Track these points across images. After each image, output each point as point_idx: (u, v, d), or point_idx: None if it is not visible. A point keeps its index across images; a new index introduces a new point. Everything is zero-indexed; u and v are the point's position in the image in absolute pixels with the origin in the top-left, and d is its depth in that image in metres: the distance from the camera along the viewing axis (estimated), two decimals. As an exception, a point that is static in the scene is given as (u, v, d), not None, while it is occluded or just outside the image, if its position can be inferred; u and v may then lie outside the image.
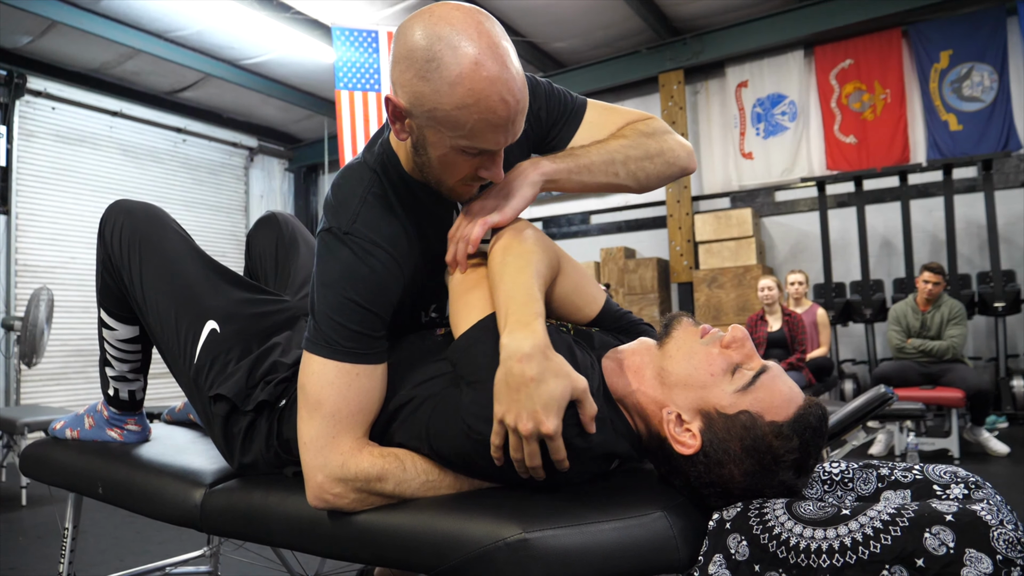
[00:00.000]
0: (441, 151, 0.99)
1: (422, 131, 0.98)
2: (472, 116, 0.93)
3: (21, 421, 4.00)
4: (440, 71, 0.91)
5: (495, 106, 0.93)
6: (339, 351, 1.01)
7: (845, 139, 6.75)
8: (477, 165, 1.02)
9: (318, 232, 1.08)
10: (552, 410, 0.87)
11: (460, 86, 0.91)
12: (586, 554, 0.84)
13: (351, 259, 1.02)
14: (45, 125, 7.10)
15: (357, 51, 6.17)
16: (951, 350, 4.72)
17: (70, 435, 1.59)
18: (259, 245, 1.64)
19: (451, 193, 1.09)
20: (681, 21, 6.97)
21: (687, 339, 1.01)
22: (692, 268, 7.02)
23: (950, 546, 0.73)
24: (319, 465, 0.99)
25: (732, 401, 0.94)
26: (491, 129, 0.95)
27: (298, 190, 10.07)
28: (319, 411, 1.00)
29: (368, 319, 1.02)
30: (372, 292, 1.02)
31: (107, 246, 1.37)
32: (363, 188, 1.07)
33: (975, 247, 6.15)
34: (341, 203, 1.07)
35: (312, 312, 1.04)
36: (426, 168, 1.04)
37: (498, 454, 0.92)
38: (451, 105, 0.92)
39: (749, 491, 0.92)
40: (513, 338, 0.91)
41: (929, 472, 0.95)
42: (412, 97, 0.95)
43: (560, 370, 0.89)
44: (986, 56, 6.18)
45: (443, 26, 0.92)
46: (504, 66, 0.93)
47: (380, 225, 1.05)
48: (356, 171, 1.10)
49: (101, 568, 2.72)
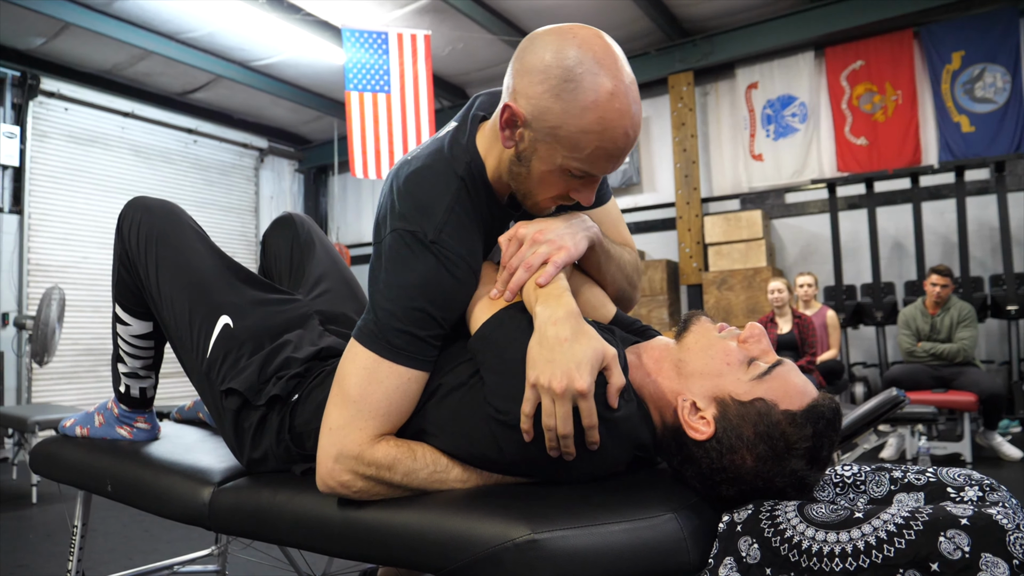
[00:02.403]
0: (547, 167, 1.00)
1: (535, 144, 0.99)
2: (594, 142, 0.96)
3: (32, 419, 4.03)
4: (576, 93, 0.94)
5: (617, 137, 0.96)
6: (399, 354, 1.00)
7: (856, 141, 6.71)
8: (573, 187, 1.04)
9: (391, 230, 1.04)
10: (586, 368, 0.90)
11: (592, 112, 0.94)
12: (595, 555, 0.84)
13: (436, 269, 1.01)
14: (58, 126, 7.14)
15: (367, 53, 6.18)
16: (962, 352, 4.68)
17: (80, 433, 1.60)
18: (275, 245, 1.66)
19: (533, 207, 1.09)
20: (691, 22, 6.95)
21: (705, 334, 1.04)
22: (701, 270, 7.00)
23: (965, 550, 0.72)
24: (336, 451, 1.00)
25: (747, 389, 0.95)
26: (606, 157, 0.98)
27: (308, 191, 10.10)
28: (356, 404, 1.00)
29: (435, 328, 1.02)
30: (448, 304, 1.03)
31: (125, 241, 1.39)
32: (451, 198, 1.05)
33: (987, 250, 6.10)
34: (424, 208, 1.04)
35: (373, 307, 1.03)
36: (521, 179, 1.05)
37: (527, 425, 0.92)
38: (577, 128, 0.95)
39: (760, 478, 0.92)
40: (547, 307, 0.96)
41: (942, 475, 0.94)
42: (537, 110, 0.96)
43: (592, 334, 0.94)
44: (998, 57, 6.13)
45: (586, 51, 0.94)
46: (634, 102, 0.97)
47: (465, 239, 1.05)
48: (442, 175, 1.07)
49: (110, 566, 2.73)
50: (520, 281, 1.04)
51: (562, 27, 0.98)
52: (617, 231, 1.29)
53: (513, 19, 6.68)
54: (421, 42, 6.27)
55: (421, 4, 6.24)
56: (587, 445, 0.92)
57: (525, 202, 1.09)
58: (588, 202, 1.06)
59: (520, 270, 1.04)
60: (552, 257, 1.04)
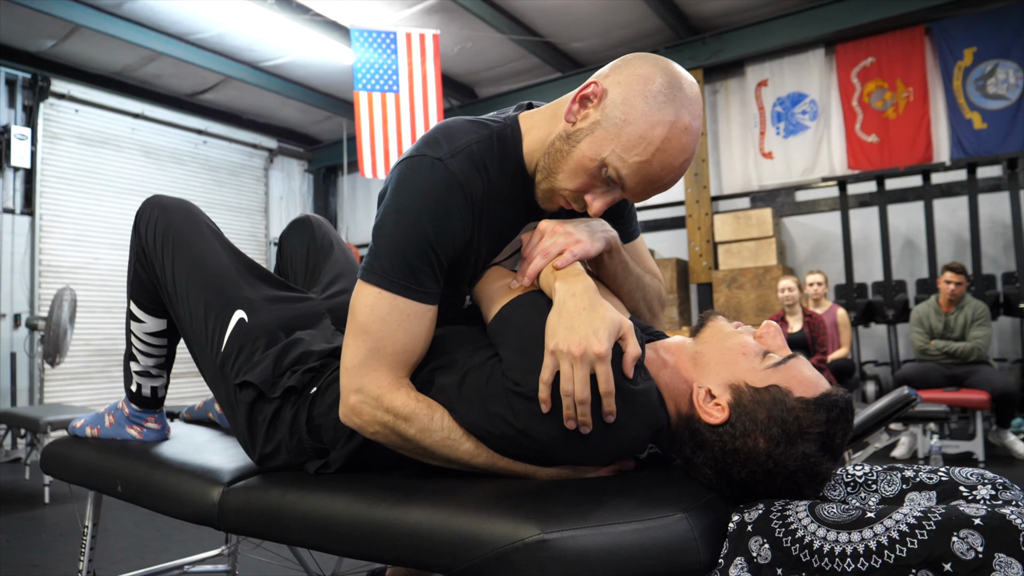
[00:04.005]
0: (591, 154, 1.01)
1: (596, 127, 1.01)
2: (647, 153, 0.98)
3: (44, 420, 4.05)
4: (663, 106, 0.98)
5: (664, 163, 0.99)
6: (396, 284, 1.03)
7: (867, 138, 6.67)
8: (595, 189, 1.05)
9: (399, 160, 1.07)
10: (603, 333, 0.93)
11: (663, 129, 0.98)
12: (605, 555, 0.83)
13: (435, 183, 1.03)
14: (69, 127, 7.19)
15: (376, 52, 6.19)
16: (975, 351, 4.65)
17: (90, 433, 1.61)
18: (291, 246, 1.67)
19: (546, 194, 1.10)
20: (700, 20, 6.93)
21: (721, 328, 1.06)
22: (711, 268, 6.97)
23: (979, 550, 0.71)
24: (356, 388, 1.04)
25: (762, 376, 0.97)
26: (644, 176, 1.01)
27: (317, 191, 10.13)
28: (366, 341, 1.04)
29: (430, 254, 1.03)
30: (443, 224, 1.03)
31: (141, 238, 1.41)
32: (475, 137, 1.08)
33: (1000, 247, 6.05)
34: (444, 138, 1.06)
35: (374, 241, 1.06)
36: (558, 157, 1.05)
37: (545, 394, 0.94)
38: (642, 133, 0.98)
39: (772, 459, 0.92)
40: (566, 282, 1.01)
41: (954, 474, 0.94)
42: (620, 98, 0.99)
43: (609, 306, 0.98)
44: (1011, 53, 6.08)
45: (687, 89, 1.00)
46: (693, 151, 1.01)
47: (473, 174, 1.06)
48: (472, 124, 1.10)
49: (121, 566, 2.75)
50: (538, 267, 1.07)
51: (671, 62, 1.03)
52: (642, 262, 1.31)
53: (522, 18, 6.67)
54: (430, 42, 6.27)
55: (429, 4, 6.24)
56: (604, 417, 0.94)
57: (541, 185, 1.10)
58: (597, 212, 1.07)
59: (538, 257, 1.07)
60: (569, 247, 1.07)
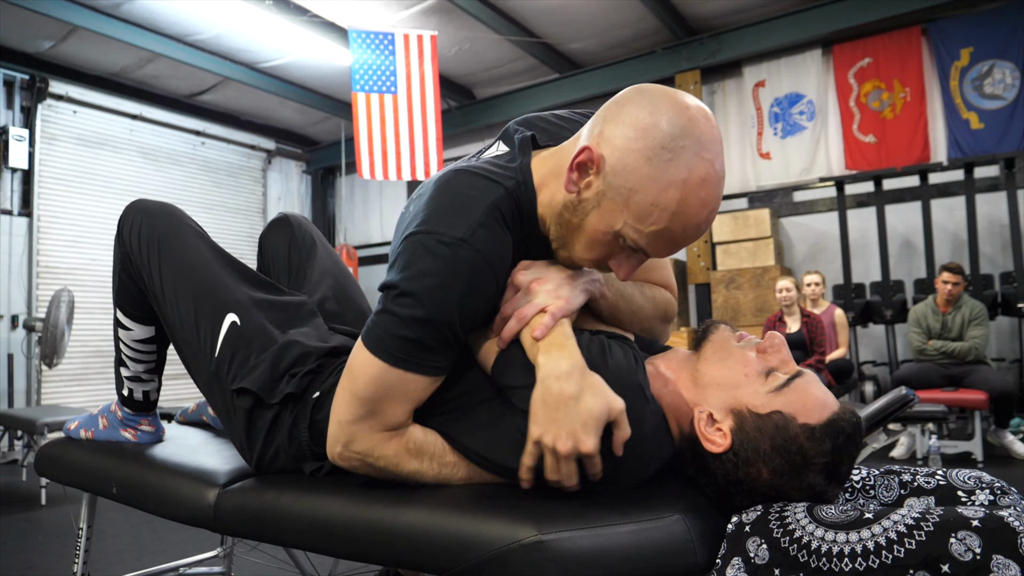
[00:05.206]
0: (604, 228, 0.93)
1: (601, 197, 0.92)
2: (664, 221, 0.89)
3: (41, 421, 4.04)
4: (669, 164, 0.87)
5: (688, 226, 0.90)
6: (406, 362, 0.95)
7: (864, 138, 6.67)
8: (618, 257, 0.97)
9: (410, 234, 0.95)
10: (591, 429, 0.88)
11: (677, 190, 0.87)
12: (602, 556, 0.83)
13: (456, 271, 0.92)
14: (66, 128, 7.18)
15: (374, 54, 6.19)
16: (973, 351, 4.65)
17: (84, 435, 1.59)
18: (272, 246, 1.64)
19: (565, 260, 1.03)
20: (697, 21, 6.93)
21: (723, 343, 1.02)
22: (709, 269, 6.97)
23: (976, 552, 0.71)
24: (345, 440, 1.01)
25: (765, 401, 0.93)
26: (668, 240, 0.92)
27: (315, 192, 10.12)
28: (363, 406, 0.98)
29: (446, 335, 0.94)
30: (464, 310, 0.94)
31: (125, 245, 1.37)
32: (492, 201, 0.96)
33: (998, 247, 6.05)
34: (458, 210, 0.94)
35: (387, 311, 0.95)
36: (569, 228, 0.97)
37: (528, 476, 0.93)
38: (655, 199, 0.88)
39: (775, 490, 0.90)
40: (550, 357, 0.92)
41: (953, 478, 0.93)
42: (620, 165, 0.89)
43: (598, 388, 0.90)
44: (1007, 53, 6.08)
45: (696, 128, 0.89)
46: (717, 198, 0.91)
47: (499, 246, 0.96)
48: (483, 182, 0.99)
49: (118, 567, 2.74)
50: (512, 331, 0.99)
51: (675, 92, 0.92)
52: (656, 271, 1.22)
53: (520, 19, 6.67)
54: (428, 43, 6.27)
55: (427, 5, 6.24)
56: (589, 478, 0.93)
57: (559, 252, 1.02)
58: (624, 277, 0.99)
59: (512, 320, 0.99)
60: (549, 308, 0.98)
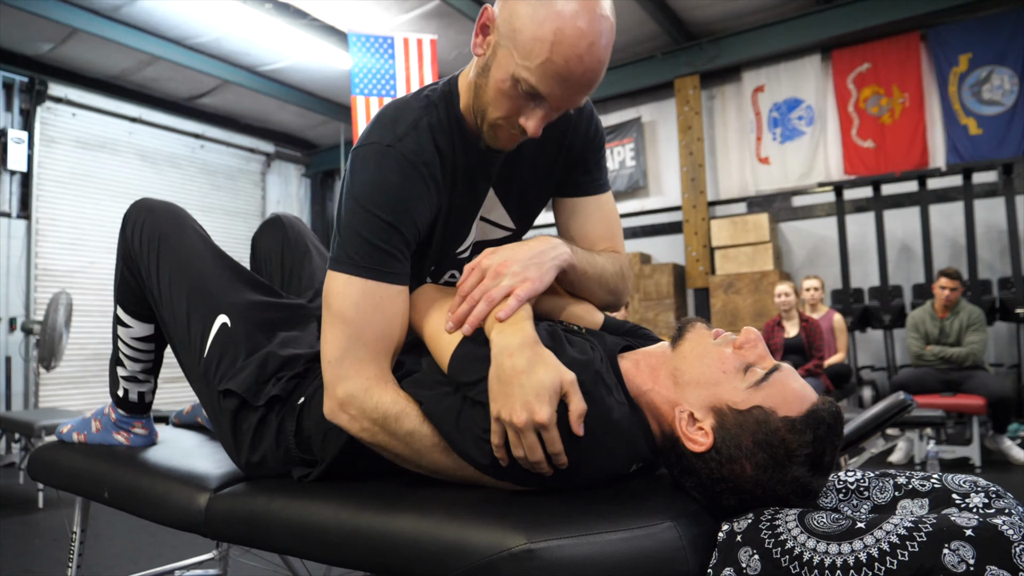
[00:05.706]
0: (502, 75, 1.00)
1: (496, 49, 1.00)
2: (545, 52, 0.95)
3: (38, 424, 4.04)
4: (545, 2, 0.94)
5: (569, 56, 0.95)
6: (362, 268, 1.02)
7: (863, 143, 6.68)
8: (524, 109, 1.02)
9: (353, 150, 1.08)
10: (544, 399, 0.89)
11: (551, 22, 0.94)
12: (592, 565, 0.82)
13: (386, 170, 1.03)
14: (66, 131, 7.18)
15: (373, 57, 6.19)
16: (971, 356, 4.64)
17: (77, 439, 1.59)
18: (264, 248, 1.64)
19: (491, 131, 1.08)
20: (697, 26, 6.94)
21: (700, 340, 1.01)
22: (708, 273, 6.97)
23: (970, 563, 0.70)
24: (341, 380, 1.02)
25: (744, 397, 0.92)
26: (555, 76, 0.97)
27: (314, 195, 10.12)
28: (344, 330, 1.03)
29: (393, 236, 1.03)
30: (401, 206, 1.03)
31: (128, 241, 1.39)
32: (417, 114, 1.08)
33: (996, 252, 6.06)
34: (389, 122, 1.07)
35: (337, 228, 1.05)
36: (480, 92, 1.05)
37: (500, 453, 0.94)
38: (533, 33, 0.95)
39: (760, 486, 0.90)
40: (502, 335, 0.96)
41: (948, 481, 0.92)
42: (506, 11, 0.98)
43: (549, 361, 0.93)
44: (1006, 59, 6.09)
45: None
46: (597, 34, 0.96)
47: (425, 148, 1.06)
48: (412, 100, 1.11)
49: (115, 571, 2.73)
50: (481, 315, 1.01)
51: None
52: (606, 226, 1.27)
53: (518, 23, 6.67)
54: (427, 47, 6.27)
55: (427, 9, 6.25)
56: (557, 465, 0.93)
57: (483, 128, 1.08)
58: (534, 132, 1.03)
59: (482, 303, 1.01)
60: (515, 290, 1.01)
